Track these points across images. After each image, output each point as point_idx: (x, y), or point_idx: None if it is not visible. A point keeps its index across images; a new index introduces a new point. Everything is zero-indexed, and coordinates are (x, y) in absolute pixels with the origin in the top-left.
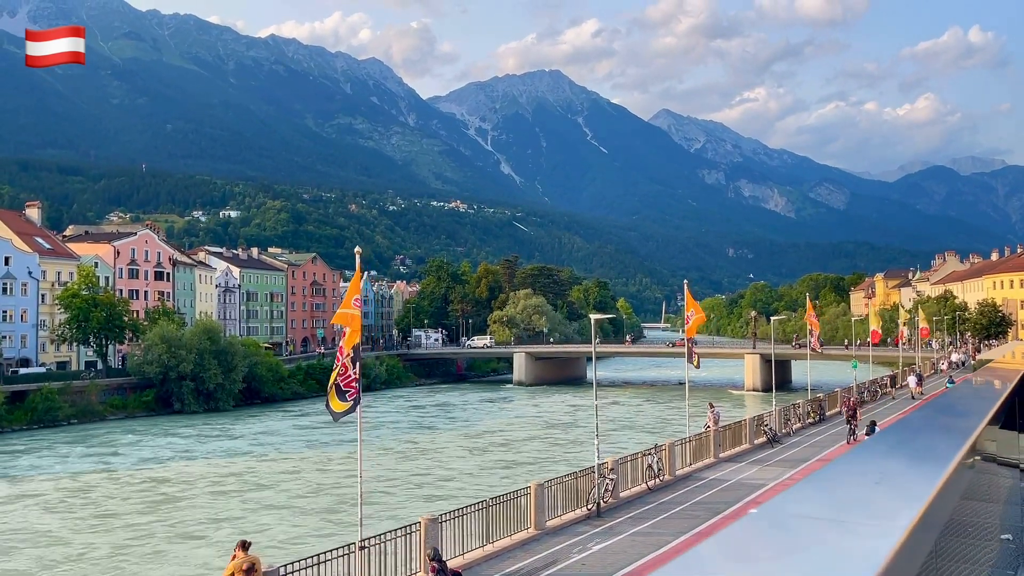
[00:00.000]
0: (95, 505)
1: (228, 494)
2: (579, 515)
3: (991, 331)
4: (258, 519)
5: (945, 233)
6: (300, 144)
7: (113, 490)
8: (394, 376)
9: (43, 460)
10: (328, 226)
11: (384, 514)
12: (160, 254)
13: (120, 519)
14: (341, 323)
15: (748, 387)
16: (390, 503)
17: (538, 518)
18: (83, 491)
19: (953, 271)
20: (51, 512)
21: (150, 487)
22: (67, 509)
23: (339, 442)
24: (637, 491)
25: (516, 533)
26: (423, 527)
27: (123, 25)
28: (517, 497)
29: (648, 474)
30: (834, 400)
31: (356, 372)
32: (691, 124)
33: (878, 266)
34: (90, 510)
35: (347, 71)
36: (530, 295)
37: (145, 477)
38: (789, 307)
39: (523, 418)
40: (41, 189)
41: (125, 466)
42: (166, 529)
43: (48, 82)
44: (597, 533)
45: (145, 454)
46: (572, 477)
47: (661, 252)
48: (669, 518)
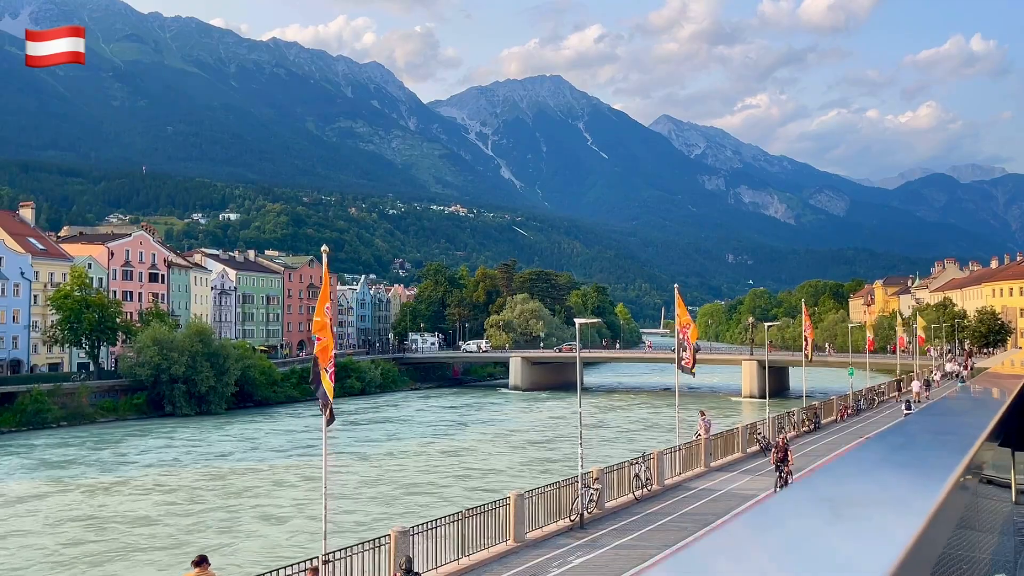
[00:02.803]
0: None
1: (194, 504)
2: (561, 527)
3: (990, 339)
4: (224, 532)
5: (945, 240)
6: (300, 147)
7: (60, 501)
8: (389, 380)
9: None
10: (328, 229)
11: (361, 526)
12: (155, 256)
13: (57, 534)
14: (319, 333)
15: (745, 393)
16: (362, 514)
17: (517, 530)
18: (21, 501)
19: (952, 278)
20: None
21: (105, 497)
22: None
23: (316, 451)
24: (623, 501)
25: (494, 546)
26: (393, 540)
27: (125, 27)
28: (495, 508)
29: (635, 484)
30: (830, 408)
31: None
32: (691, 130)
33: (877, 273)
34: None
35: (348, 75)
36: (527, 299)
37: (101, 485)
38: (788, 313)
39: (502, 430)
40: (41, 191)
41: (77, 475)
42: (107, 546)
43: (49, 84)
44: (579, 546)
45: (111, 459)
46: (554, 487)
47: (661, 258)
48: (655, 530)
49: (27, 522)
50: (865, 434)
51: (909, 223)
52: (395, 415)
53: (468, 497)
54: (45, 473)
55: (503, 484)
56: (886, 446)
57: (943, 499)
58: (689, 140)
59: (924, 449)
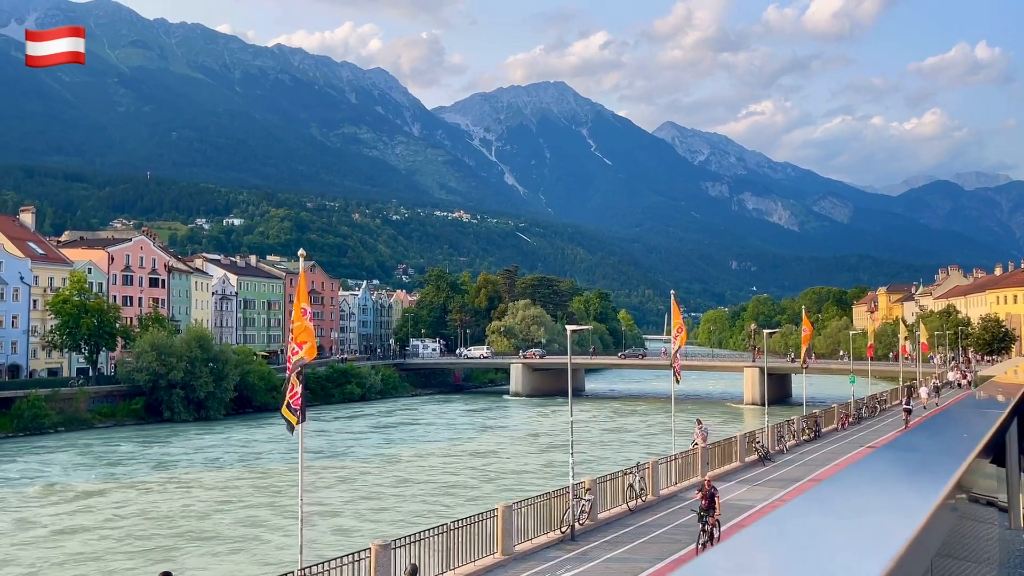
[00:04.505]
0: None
1: (171, 514)
2: (551, 539)
3: (994, 347)
4: (207, 542)
5: (949, 248)
6: (304, 153)
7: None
8: (389, 386)
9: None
10: (331, 235)
11: (352, 536)
12: (155, 260)
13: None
14: (306, 338)
15: (747, 401)
16: (349, 525)
17: (505, 542)
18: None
19: (956, 286)
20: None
21: (79, 506)
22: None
23: (316, 458)
24: (617, 512)
25: (481, 559)
26: (374, 554)
27: (131, 33)
28: (483, 520)
29: (629, 494)
30: (831, 416)
31: (299, 388)
32: (695, 136)
33: (881, 280)
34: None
35: (352, 81)
36: (529, 305)
37: (77, 493)
38: (791, 320)
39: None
40: (46, 195)
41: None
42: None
43: (55, 89)
44: (569, 559)
45: (87, 466)
46: (545, 498)
47: (664, 264)
48: (648, 542)
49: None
50: (866, 443)
51: (913, 230)
52: (408, 420)
53: (499, 497)
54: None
55: (535, 485)
56: (883, 462)
57: (925, 523)
58: (693, 147)
59: (912, 467)
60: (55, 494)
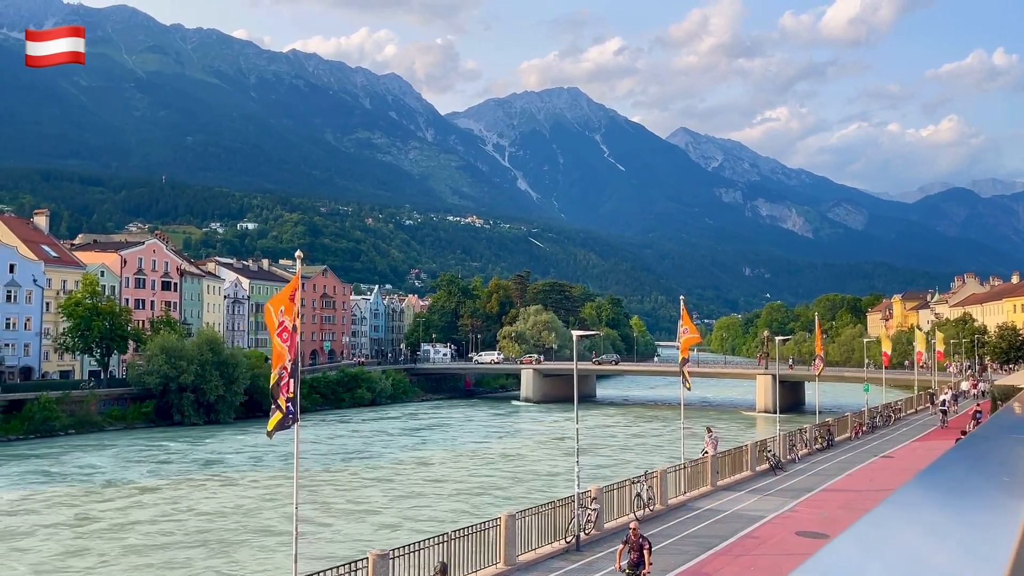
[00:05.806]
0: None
1: (165, 522)
2: (556, 548)
3: (1011, 355)
4: (216, 548)
5: (964, 255)
6: (318, 158)
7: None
8: (400, 391)
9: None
10: (344, 239)
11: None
12: (168, 264)
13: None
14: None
15: (760, 408)
16: (391, 522)
17: (508, 552)
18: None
19: (972, 293)
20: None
21: (72, 510)
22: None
23: (320, 462)
24: (624, 522)
25: (483, 569)
26: (371, 564)
27: (147, 39)
28: (485, 529)
29: (636, 503)
30: (844, 425)
31: (295, 388)
32: (709, 143)
33: (896, 287)
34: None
35: (367, 86)
36: (540, 311)
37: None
38: (805, 327)
39: None
40: (63, 199)
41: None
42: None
43: (72, 94)
44: (574, 569)
45: (81, 469)
46: (549, 507)
47: (677, 270)
48: (656, 553)
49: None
50: (879, 453)
51: (928, 237)
52: (427, 424)
53: (532, 499)
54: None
55: (566, 488)
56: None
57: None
58: (706, 153)
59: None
60: (112, 488)
